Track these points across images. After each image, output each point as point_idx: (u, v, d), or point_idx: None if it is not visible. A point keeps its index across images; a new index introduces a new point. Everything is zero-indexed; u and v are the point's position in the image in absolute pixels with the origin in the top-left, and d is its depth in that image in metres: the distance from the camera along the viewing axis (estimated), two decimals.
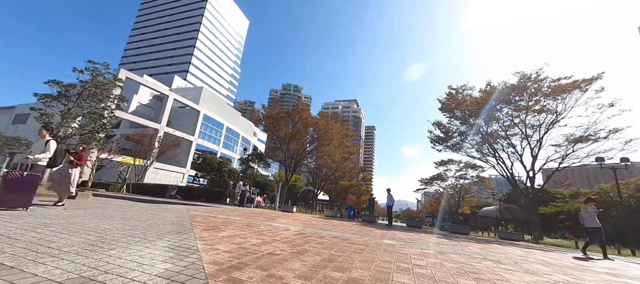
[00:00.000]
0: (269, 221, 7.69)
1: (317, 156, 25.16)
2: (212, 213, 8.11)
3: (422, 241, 6.49)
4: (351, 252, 3.96)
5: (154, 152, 28.11)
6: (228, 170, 29.81)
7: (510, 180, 17.99)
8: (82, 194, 9.60)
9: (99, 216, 5.26)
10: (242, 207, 15.54)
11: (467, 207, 50.88)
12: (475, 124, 19.78)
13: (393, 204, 13.84)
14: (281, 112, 21.97)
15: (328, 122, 21.61)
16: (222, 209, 10.39)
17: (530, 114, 18.01)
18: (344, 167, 34.72)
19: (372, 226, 11.41)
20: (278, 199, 19.47)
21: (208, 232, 4.42)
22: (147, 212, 6.80)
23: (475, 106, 19.27)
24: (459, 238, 9.35)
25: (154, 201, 12.47)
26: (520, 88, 17.17)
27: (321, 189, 36.84)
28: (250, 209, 12.81)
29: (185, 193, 18.56)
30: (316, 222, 9.43)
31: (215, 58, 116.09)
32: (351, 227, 8.86)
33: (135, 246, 2.94)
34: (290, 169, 24.90)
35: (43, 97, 11.75)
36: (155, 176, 38.42)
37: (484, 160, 19.47)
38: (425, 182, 41.38)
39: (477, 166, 38.14)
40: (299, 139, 24.20)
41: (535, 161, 17.48)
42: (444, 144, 21.01)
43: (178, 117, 48.73)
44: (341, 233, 6.47)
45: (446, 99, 21.40)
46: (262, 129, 43.75)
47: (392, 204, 13.85)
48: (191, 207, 10.05)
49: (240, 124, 61.82)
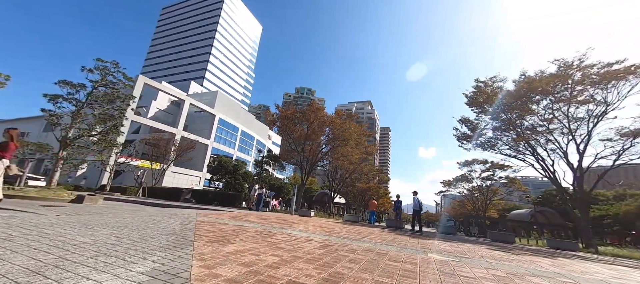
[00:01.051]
0: (286, 228, 6.70)
1: (334, 157, 24.08)
2: (223, 219, 7.25)
3: (476, 255, 5.24)
4: (401, 277, 2.86)
5: (170, 155, 28.23)
6: (243, 173, 29.33)
7: (554, 181, 15.98)
8: (90, 198, 9.10)
9: (89, 224, 4.48)
10: (258, 211, 14.75)
11: (493, 210, 47.65)
12: (509, 119, 17.93)
13: (421, 209, 12.62)
14: (296, 112, 21.15)
15: (345, 121, 20.49)
16: (236, 214, 9.55)
17: (573, 105, 16.00)
18: (361, 169, 33.35)
19: (401, 232, 10.16)
20: (294, 203, 18.56)
21: (212, 246, 3.48)
22: (150, 218, 6.03)
23: (509, 99, 17.46)
24: (511, 249, 7.92)
25: (164, 205, 11.93)
26: (561, 77, 15.24)
27: (337, 192, 35.62)
28: (265, 214, 11.93)
29: (199, 197, 18.11)
30: (338, 229, 8.35)
31: (230, 64, 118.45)
32: (380, 235, 7.70)
33: (99, 274, 2.03)
34: (306, 171, 23.96)
35: (52, 98, 11.63)
36: (173, 179, 38.87)
37: (521, 158, 17.52)
38: (448, 184, 39.06)
39: (505, 166, 35.48)
40: (315, 140, 23.25)
41: (582, 158, 15.41)
42: (474, 141, 19.25)
43: (194, 121, 49.42)
44: (373, 244, 5.35)
45: (474, 93, 19.69)
46: (276, 131, 43.29)
47: (420, 208, 12.62)
48: (202, 211, 9.30)
49: (255, 127, 62.01)
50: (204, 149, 44.70)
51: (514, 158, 17.92)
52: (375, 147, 22.03)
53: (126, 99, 13.29)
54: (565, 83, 15.10)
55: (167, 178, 38.04)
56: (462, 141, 19.82)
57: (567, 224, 32.75)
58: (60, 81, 11.46)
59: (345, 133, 20.70)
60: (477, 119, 20.10)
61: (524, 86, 15.61)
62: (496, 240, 10.65)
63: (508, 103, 17.33)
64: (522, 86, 15.69)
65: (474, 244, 8.16)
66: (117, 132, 13.17)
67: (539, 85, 14.99)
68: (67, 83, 11.57)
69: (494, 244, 8.89)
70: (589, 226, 13.98)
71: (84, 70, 11.98)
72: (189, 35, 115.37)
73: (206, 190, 24.65)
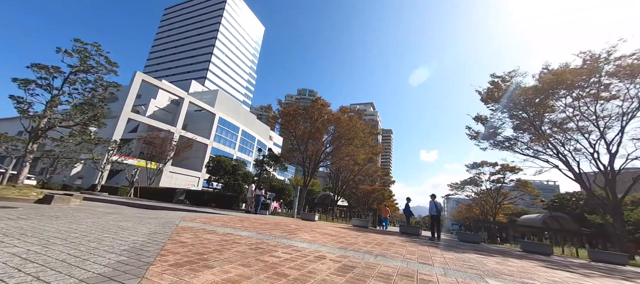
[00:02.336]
0: (289, 237, 5.41)
1: (338, 157, 22.77)
2: (213, 225, 5.97)
3: (532, 276, 3.93)
4: None
5: (166, 155, 27.03)
6: (243, 173, 28.05)
7: (583, 184, 14.57)
8: (61, 198, 7.84)
9: (13, 234, 3.21)
10: (256, 214, 13.45)
11: (501, 215, 46.01)
12: (529, 117, 16.57)
13: (440, 213, 11.22)
14: (299, 109, 19.87)
15: (351, 118, 19.19)
16: (229, 218, 8.26)
17: (602, 101, 14.63)
18: (366, 170, 31.96)
19: (421, 240, 8.83)
20: (296, 205, 17.24)
21: (176, 275, 2.20)
22: (116, 224, 4.76)
23: (530, 94, 16.07)
24: (569, 266, 6.59)
25: (151, 206, 10.70)
26: (592, 69, 13.87)
27: (341, 194, 34.22)
28: (264, 218, 10.63)
29: (194, 198, 16.85)
30: (352, 237, 7.04)
31: (232, 64, 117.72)
32: (404, 246, 6.38)
33: None
34: (309, 172, 22.66)
35: (23, 83, 10.27)
36: (171, 180, 37.67)
37: (544, 159, 16.12)
38: (456, 187, 37.58)
39: (516, 168, 33.98)
40: (319, 139, 21.96)
41: (614, 159, 14.01)
42: (491, 140, 17.88)
43: (194, 120, 48.31)
44: (405, 262, 4.04)
45: (488, 90, 18.37)
46: (278, 129, 42.05)
47: (439, 213, 11.21)
48: (191, 215, 8.02)
49: (256, 127, 60.84)
50: (203, 149, 43.52)
51: (536, 159, 16.50)
52: (381, 147, 20.75)
53: (110, 87, 11.99)
54: (595, 76, 13.73)
55: (165, 178, 36.86)
56: (477, 140, 18.46)
57: (583, 231, 31.19)
58: (33, 64, 10.10)
59: (351, 131, 19.40)
60: (492, 117, 18.76)
61: (549, 79, 14.23)
62: (529, 250, 9.28)
63: (529, 99, 15.96)
64: (547, 79, 14.32)
65: (520, 259, 6.82)
66: (98, 123, 11.90)
67: (568, 77, 13.62)
68: (41, 67, 10.22)
69: (534, 258, 7.52)
70: (625, 234, 12.56)
71: (59, 51, 10.57)
72: (191, 36, 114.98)
73: (203, 191, 23.37)
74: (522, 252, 8.99)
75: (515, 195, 36.16)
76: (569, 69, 14.00)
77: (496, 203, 36.44)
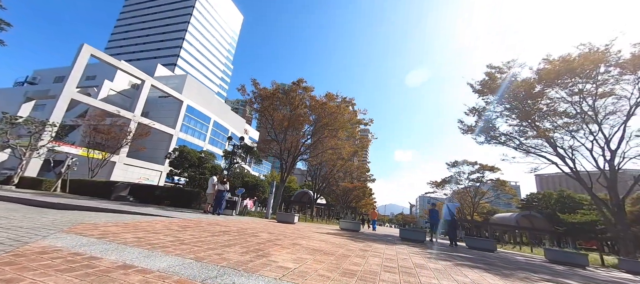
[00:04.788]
0: (253, 268, 2.86)
1: (321, 149, 20.40)
2: (112, 243, 3.23)
3: None
4: None
5: (118, 143, 22.73)
6: (211, 166, 24.52)
7: (583, 183, 13.62)
8: None
9: None
10: (215, 215, 10.60)
11: (476, 214, 46.88)
12: (526, 109, 15.46)
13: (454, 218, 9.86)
14: (278, 91, 17.07)
15: (339, 105, 16.82)
16: (166, 225, 5.47)
17: (600, 97, 13.80)
18: (349, 166, 29.98)
19: (449, 255, 6.76)
20: (271, 204, 14.57)
21: None
22: None
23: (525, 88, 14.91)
24: None
25: (53, 204, 7.57)
26: (599, 58, 12.88)
27: (321, 192, 31.92)
28: (225, 222, 7.93)
29: (142, 194, 13.46)
30: (357, 256, 4.67)
31: (206, 52, 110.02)
32: (435, 266, 4.11)
33: None
34: (287, 166, 20.01)
35: None
36: (126, 173, 32.74)
37: (542, 156, 15.08)
38: (437, 185, 37.12)
39: (495, 168, 34.19)
40: (299, 129, 19.39)
41: (614, 157, 13.21)
42: (486, 134, 16.61)
43: (158, 108, 43.12)
44: None
45: (483, 82, 17.08)
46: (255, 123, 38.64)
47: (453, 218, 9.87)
48: (104, 218, 5.11)
49: (231, 119, 56.41)
50: (167, 139, 38.73)
51: (533, 155, 15.43)
52: (368, 140, 18.75)
53: None
54: (600, 66, 12.75)
55: (119, 172, 31.90)
56: (473, 133, 17.12)
57: (557, 230, 32.10)
58: None
59: (338, 121, 17.09)
60: (486, 109, 17.54)
61: (557, 66, 13.02)
62: (564, 260, 7.63)
63: (527, 91, 14.79)
64: (555, 65, 13.10)
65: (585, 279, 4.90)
66: None
67: (576, 65, 12.45)
68: None
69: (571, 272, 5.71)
70: (630, 235, 11.67)
71: None
72: (161, 18, 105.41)
73: (154, 186, 19.45)
74: (561, 257, 7.29)
75: (492, 194, 36.51)
76: (583, 54, 12.88)
77: (474, 202, 36.55)
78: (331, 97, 17.10)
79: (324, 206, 38.05)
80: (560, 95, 14.62)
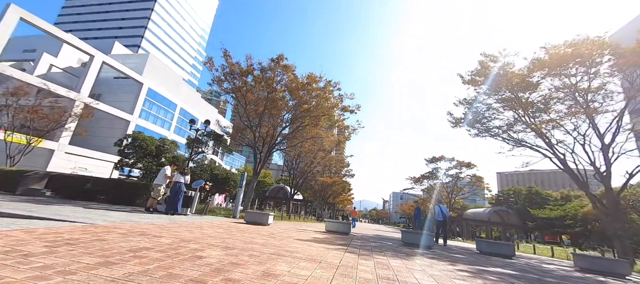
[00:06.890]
0: None
1: (300, 139, 18.22)
2: None
3: None
4: None
5: (51, 126, 18.54)
6: (171, 157, 21.19)
7: (576, 179, 13.02)
8: None
9: None
10: (168, 214, 8.09)
11: (451, 211, 47.97)
12: (520, 100, 14.66)
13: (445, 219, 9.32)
14: (252, 68, 14.45)
15: (324, 90, 14.66)
16: (42, 233, 2.97)
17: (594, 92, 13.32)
18: (330, 159, 28.17)
19: (453, 259, 5.05)
20: (241, 199, 12.19)
21: None
22: None
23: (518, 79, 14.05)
24: None
25: None
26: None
27: (298, 187, 29.77)
28: (158, 228, 5.54)
29: (68, 186, 10.30)
30: None
31: (176, 36, 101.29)
32: None
33: None
34: (261, 158, 17.59)
35: None
36: (68, 163, 27.86)
37: (536, 149, 14.36)
38: (416, 180, 36.82)
39: (472, 164, 34.57)
40: (276, 115, 17.03)
41: (608, 152, 12.76)
42: (478, 125, 15.62)
43: (113, 90, 37.78)
44: None
45: (475, 73, 16.08)
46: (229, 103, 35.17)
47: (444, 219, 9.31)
48: None
49: (202, 109, 51.70)
50: (123, 126, 33.89)
51: (527, 148, 14.69)
52: (353, 129, 17.01)
53: None
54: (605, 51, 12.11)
55: (58, 161, 26.99)
56: (463, 125, 16.07)
57: (527, 225, 33.36)
58: None
59: (321, 106, 15.01)
60: (476, 100, 16.62)
61: (562, 52, 12.13)
62: (598, 271, 6.33)
63: (519, 85, 13.94)
64: (560, 51, 12.21)
65: None
66: None
67: (583, 50, 11.63)
68: None
69: None
70: (626, 233, 11.15)
71: None
72: None
73: (84, 177, 15.60)
74: (594, 265, 5.97)
75: (468, 190, 37.08)
76: (588, 40, 12.10)
77: (450, 197, 36.86)
78: (314, 78, 14.97)
79: (300, 201, 36.01)
80: (556, 85, 13.95)
